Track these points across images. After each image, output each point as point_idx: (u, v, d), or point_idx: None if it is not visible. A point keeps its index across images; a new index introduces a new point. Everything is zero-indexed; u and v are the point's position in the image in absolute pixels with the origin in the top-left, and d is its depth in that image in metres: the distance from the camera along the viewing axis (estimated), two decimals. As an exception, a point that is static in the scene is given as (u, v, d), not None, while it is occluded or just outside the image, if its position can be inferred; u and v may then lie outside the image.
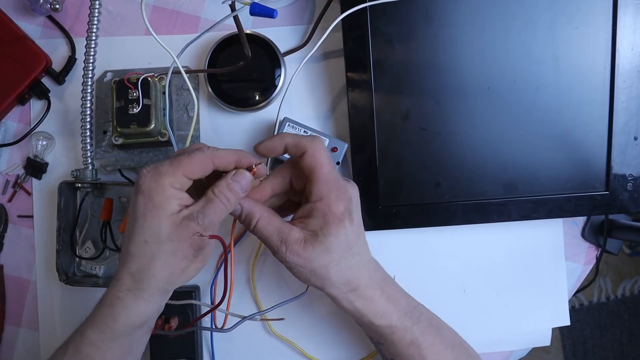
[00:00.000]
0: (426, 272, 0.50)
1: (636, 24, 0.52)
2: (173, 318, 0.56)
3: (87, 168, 0.57)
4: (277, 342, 0.60)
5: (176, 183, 0.42)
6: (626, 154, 0.54)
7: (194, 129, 0.55)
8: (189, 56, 0.60)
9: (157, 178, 0.42)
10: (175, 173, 0.42)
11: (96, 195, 0.59)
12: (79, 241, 0.59)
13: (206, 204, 0.43)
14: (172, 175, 0.42)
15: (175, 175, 0.42)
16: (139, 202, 0.42)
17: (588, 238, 0.61)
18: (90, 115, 0.56)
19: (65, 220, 0.57)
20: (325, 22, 0.58)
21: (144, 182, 0.42)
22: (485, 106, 0.54)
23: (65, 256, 0.57)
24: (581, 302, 1.54)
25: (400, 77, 0.54)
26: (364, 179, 0.55)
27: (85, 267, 0.59)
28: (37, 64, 0.57)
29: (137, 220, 0.42)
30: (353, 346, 0.60)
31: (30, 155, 0.60)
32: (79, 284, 0.57)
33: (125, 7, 0.60)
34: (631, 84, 0.53)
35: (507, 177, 0.55)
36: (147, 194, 0.41)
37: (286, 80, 0.58)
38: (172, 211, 0.42)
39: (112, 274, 0.59)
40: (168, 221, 0.41)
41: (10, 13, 0.60)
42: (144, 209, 0.41)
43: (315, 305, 0.60)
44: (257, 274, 0.60)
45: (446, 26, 0.53)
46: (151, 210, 0.41)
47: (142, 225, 0.42)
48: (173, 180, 0.42)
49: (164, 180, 0.41)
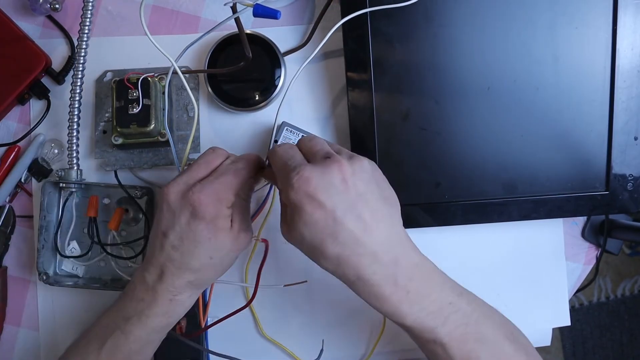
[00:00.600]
0: (426, 272, 0.50)
1: (636, 24, 0.52)
2: (183, 319, 0.56)
3: (72, 168, 0.56)
4: (269, 345, 0.60)
5: (230, 203, 0.45)
6: (626, 154, 0.54)
7: (194, 129, 0.55)
8: (189, 56, 0.60)
9: (218, 205, 0.44)
10: (230, 195, 0.45)
11: (81, 195, 0.59)
12: (66, 241, 0.59)
13: (239, 207, 0.46)
14: (229, 199, 0.45)
15: (230, 197, 0.45)
16: (201, 228, 0.44)
17: (588, 238, 0.61)
18: (78, 116, 0.56)
19: (47, 219, 0.57)
20: (325, 22, 0.58)
21: (204, 209, 0.43)
22: (485, 106, 0.54)
23: (46, 255, 0.57)
24: (581, 302, 1.54)
25: (400, 77, 0.54)
26: (364, 179, 0.55)
27: (66, 267, 0.59)
28: (37, 64, 0.57)
29: (200, 243, 0.44)
30: (347, 347, 0.60)
31: (39, 158, 0.60)
32: (59, 283, 0.57)
33: (125, 7, 0.60)
34: (631, 83, 0.53)
35: (507, 177, 0.55)
36: (209, 219, 0.44)
37: (286, 81, 0.58)
38: (229, 227, 0.45)
39: (94, 274, 0.60)
40: (230, 238, 0.45)
41: (10, 13, 0.60)
42: (208, 234, 0.44)
43: (312, 307, 0.60)
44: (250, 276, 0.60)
45: (446, 26, 0.53)
46: (215, 233, 0.44)
47: (206, 247, 0.44)
48: (229, 202, 0.45)
49: (224, 204, 0.44)
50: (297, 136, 0.56)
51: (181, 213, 0.44)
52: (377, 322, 0.59)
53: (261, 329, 0.60)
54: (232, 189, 0.45)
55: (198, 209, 0.43)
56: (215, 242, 0.44)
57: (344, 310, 0.60)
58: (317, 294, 0.60)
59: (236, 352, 0.52)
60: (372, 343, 0.60)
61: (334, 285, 0.60)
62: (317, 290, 0.60)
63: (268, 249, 0.50)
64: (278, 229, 0.59)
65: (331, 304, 0.60)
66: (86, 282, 0.59)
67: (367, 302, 0.43)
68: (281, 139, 0.55)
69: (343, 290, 0.61)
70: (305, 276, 0.60)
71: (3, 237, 0.60)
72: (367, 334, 0.60)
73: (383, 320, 0.58)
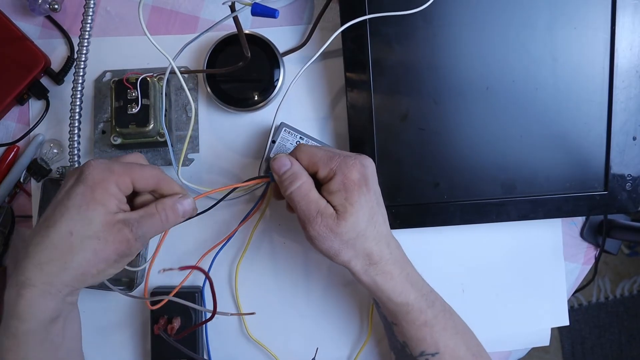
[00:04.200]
0: (425, 273, 0.50)
1: (635, 24, 0.53)
2: (176, 319, 0.56)
3: (74, 165, 0.56)
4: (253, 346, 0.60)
5: (122, 185, 0.41)
6: (625, 154, 0.54)
7: (192, 129, 0.55)
8: (188, 56, 0.60)
9: (106, 173, 0.41)
10: (125, 175, 0.41)
11: None
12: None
13: (145, 215, 0.42)
14: (122, 176, 0.41)
15: (124, 177, 0.41)
16: (77, 192, 0.40)
17: (587, 238, 0.61)
18: (79, 114, 0.56)
19: None
20: (324, 22, 0.58)
21: (91, 173, 0.40)
22: (484, 106, 0.54)
23: None
24: (580, 302, 1.54)
25: (399, 77, 0.54)
26: (363, 179, 0.55)
27: None
28: (36, 64, 0.57)
29: (68, 209, 0.40)
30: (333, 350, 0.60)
31: (38, 158, 0.60)
32: None
33: (124, 8, 0.60)
34: (630, 84, 0.53)
35: (506, 177, 0.55)
36: (90, 185, 0.40)
37: (285, 81, 0.58)
38: (110, 210, 0.40)
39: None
40: (103, 219, 0.40)
41: (9, 13, 0.60)
42: (80, 200, 0.40)
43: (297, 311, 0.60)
44: (240, 276, 0.60)
45: (445, 26, 0.53)
46: (88, 203, 0.40)
47: (73, 216, 0.40)
48: (121, 181, 0.41)
49: (113, 177, 0.41)
50: (295, 137, 0.56)
51: (71, 177, 0.42)
52: (365, 326, 0.59)
53: (248, 331, 0.60)
54: (131, 171, 0.42)
55: (85, 173, 0.41)
56: (84, 214, 0.39)
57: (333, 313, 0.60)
58: (309, 297, 0.60)
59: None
60: (358, 347, 0.60)
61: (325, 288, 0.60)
62: (309, 293, 0.60)
63: (209, 277, 0.45)
64: (278, 229, 0.60)
65: (321, 308, 0.60)
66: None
67: (377, 286, 0.47)
68: (279, 140, 0.55)
69: (336, 294, 0.61)
70: (305, 277, 0.60)
71: (2, 237, 0.60)
72: (355, 338, 0.60)
73: (369, 325, 0.59)
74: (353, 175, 0.45)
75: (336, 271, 0.60)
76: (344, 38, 0.54)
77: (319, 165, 0.46)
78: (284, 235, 0.60)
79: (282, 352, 0.60)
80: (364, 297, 0.60)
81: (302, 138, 0.56)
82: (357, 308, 0.60)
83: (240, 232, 0.59)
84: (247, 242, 0.59)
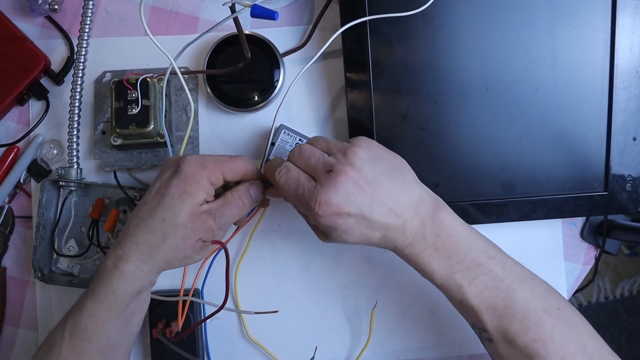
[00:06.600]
0: (425, 273, 0.50)
1: (635, 25, 0.53)
2: (174, 322, 0.56)
3: (72, 167, 0.57)
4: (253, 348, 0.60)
5: (213, 178, 0.45)
6: (625, 154, 0.54)
7: (191, 129, 0.55)
8: (188, 56, 0.60)
9: (199, 168, 0.45)
10: (217, 169, 0.45)
11: (80, 194, 0.59)
12: (63, 239, 0.59)
13: (224, 204, 0.46)
14: (213, 170, 0.45)
15: (215, 171, 0.45)
16: (173, 183, 0.44)
17: (587, 238, 0.61)
18: (78, 114, 0.56)
19: (45, 217, 0.57)
20: (324, 23, 0.58)
21: (186, 167, 0.45)
22: (484, 106, 0.54)
23: (43, 253, 0.57)
24: (580, 302, 1.54)
25: (399, 78, 0.54)
26: (363, 180, 0.55)
27: (62, 266, 0.59)
28: (36, 65, 0.57)
29: (163, 198, 0.44)
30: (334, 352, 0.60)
31: (38, 159, 0.60)
32: (54, 282, 0.57)
33: (124, 8, 0.60)
34: (630, 84, 0.53)
35: (506, 177, 0.55)
36: (184, 178, 0.44)
37: (285, 82, 0.58)
38: (198, 202, 0.44)
39: (88, 273, 0.60)
40: (190, 209, 0.44)
41: (9, 13, 0.60)
42: (175, 191, 0.44)
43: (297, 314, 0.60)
44: (240, 276, 0.60)
45: (445, 26, 0.53)
46: (181, 195, 0.44)
47: (167, 205, 0.44)
48: (212, 174, 0.45)
49: (205, 171, 0.45)
50: (295, 139, 0.56)
51: (169, 168, 0.46)
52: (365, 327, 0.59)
53: (247, 332, 0.60)
54: (222, 165, 0.46)
55: (181, 166, 0.45)
56: (176, 204, 0.44)
57: (333, 314, 0.60)
58: (309, 298, 0.60)
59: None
60: (357, 348, 0.60)
61: (325, 288, 0.60)
62: (309, 293, 0.60)
63: (228, 254, 0.44)
64: (278, 230, 0.60)
65: (321, 309, 0.60)
66: (82, 280, 0.59)
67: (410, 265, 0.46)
68: (278, 142, 0.56)
69: (335, 295, 0.61)
70: (305, 277, 0.60)
71: (2, 237, 0.60)
72: (355, 339, 0.60)
73: (370, 327, 0.58)
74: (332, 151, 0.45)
75: (336, 272, 0.60)
76: (344, 38, 0.54)
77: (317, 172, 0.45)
78: (284, 235, 0.60)
79: (282, 353, 0.60)
80: (364, 298, 0.60)
81: (301, 140, 0.56)
82: (357, 309, 0.60)
83: (241, 233, 0.59)
84: (247, 242, 0.59)
